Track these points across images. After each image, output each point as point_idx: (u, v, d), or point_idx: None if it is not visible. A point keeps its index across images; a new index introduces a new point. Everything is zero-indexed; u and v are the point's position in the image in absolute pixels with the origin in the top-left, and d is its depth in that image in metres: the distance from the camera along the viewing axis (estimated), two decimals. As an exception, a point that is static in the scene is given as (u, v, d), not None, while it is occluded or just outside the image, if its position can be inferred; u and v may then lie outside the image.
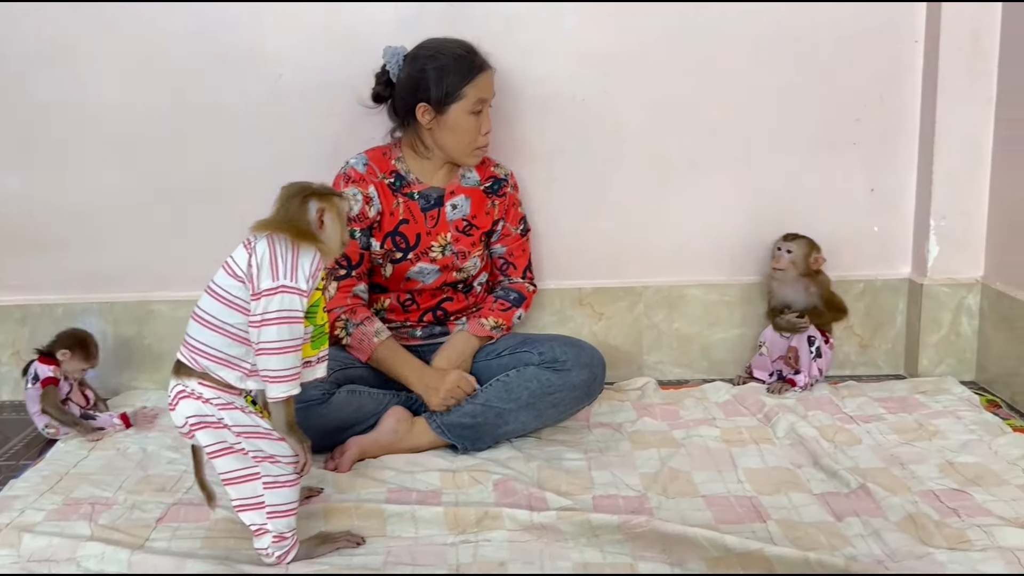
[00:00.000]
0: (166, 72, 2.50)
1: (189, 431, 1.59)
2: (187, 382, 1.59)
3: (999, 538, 1.68)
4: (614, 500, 1.88)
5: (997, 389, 2.46)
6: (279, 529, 1.59)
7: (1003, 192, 2.45)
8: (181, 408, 1.59)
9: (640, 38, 2.49)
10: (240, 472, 1.58)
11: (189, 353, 1.59)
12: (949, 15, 2.41)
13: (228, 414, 1.57)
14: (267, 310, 1.53)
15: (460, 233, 2.30)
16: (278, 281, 1.54)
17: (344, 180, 2.25)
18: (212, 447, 1.58)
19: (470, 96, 2.18)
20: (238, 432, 1.57)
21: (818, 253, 2.45)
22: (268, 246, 1.56)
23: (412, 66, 2.20)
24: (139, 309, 2.61)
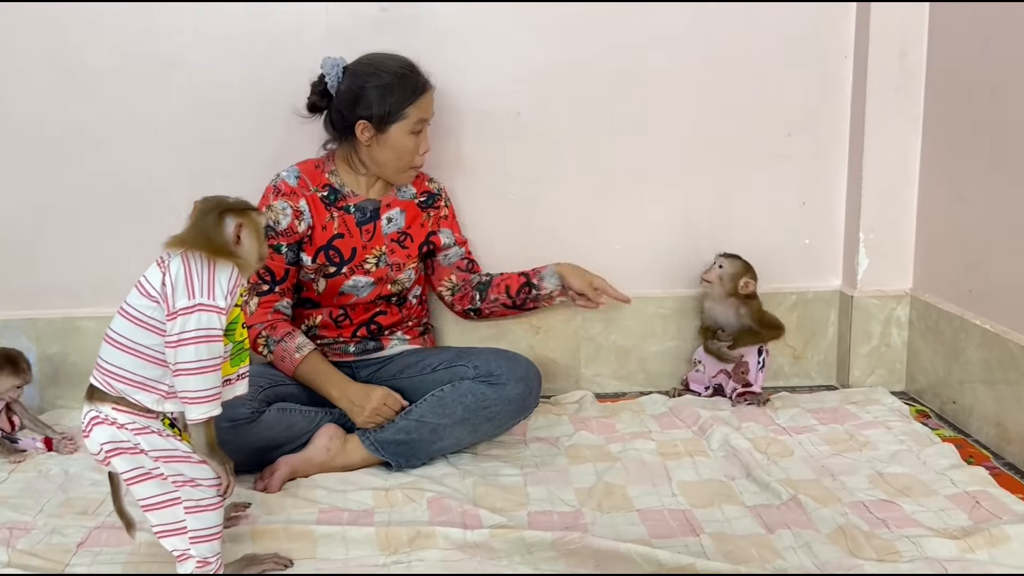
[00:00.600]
0: (89, 83, 2.44)
1: (105, 458, 1.54)
2: (100, 407, 1.53)
3: (927, 549, 1.70)
4: (549, 516, 1.87)
5: (927, 399, 2.50)
6: (203, 554, 1.55)
7: (930, 206, 2.50)
8: (95, 435, 1.53)
9: (575, 53, 2.49)
10: (160, 498, 1.54)
11: (102, 377, 1.54)
12: (877, 31, 2.45)
13: (144, 439, 1.52)
14: (184, 330, 1.49)
15: (395, 244, 2.28)
16: (195, 300, 1.49)
17: (274, 193, 2.21)
18: (129, 473, 1.54)
19: (412, 116, 2.16)
20: (156, 457, 1.52)
21: (750, 278, 2.42)
22: (183, 263, 1.52)
23: (353, 81, 2.17)
24: (64, 326, 2.54)
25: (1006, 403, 2.14)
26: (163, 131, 2.47)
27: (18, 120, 2.44)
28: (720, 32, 2.51)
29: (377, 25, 2.40)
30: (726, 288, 2.43)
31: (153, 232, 2.43)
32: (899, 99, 2.49)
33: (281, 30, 2.43)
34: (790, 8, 2.50)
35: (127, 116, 2.46)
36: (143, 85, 2.44)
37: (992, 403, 2.20)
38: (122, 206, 2.50)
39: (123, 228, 2.51)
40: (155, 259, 1.56)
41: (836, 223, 2.64)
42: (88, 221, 2.51)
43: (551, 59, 2.50)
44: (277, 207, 2.19)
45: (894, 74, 2.47)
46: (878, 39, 2.45)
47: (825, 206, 2.63)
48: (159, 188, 2.48)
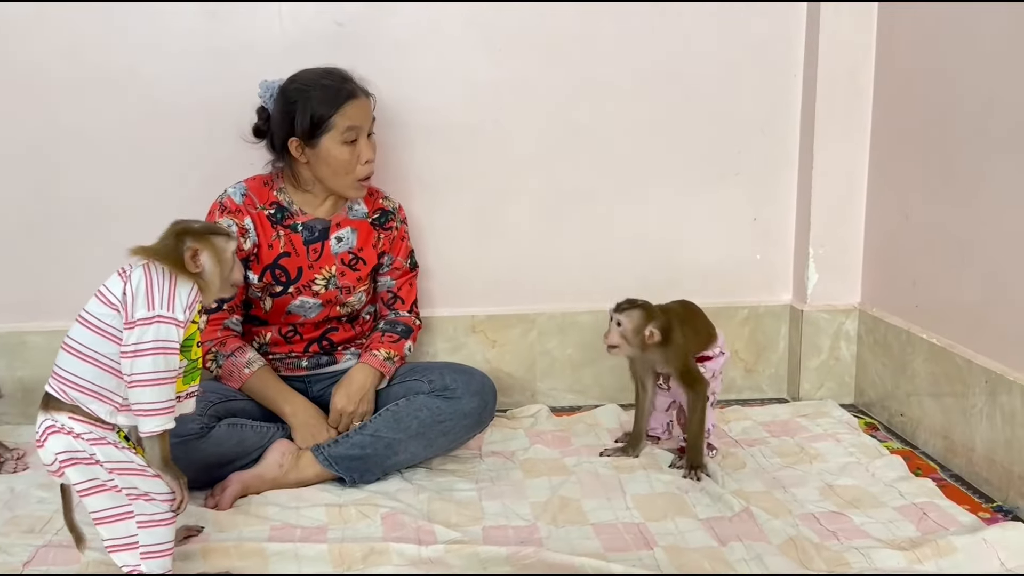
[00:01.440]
0: (38, 93, 2.41)
1: (59, 469, 1.52)
2: (56, 416, 1.52)
3: (876, 560, 1.73)
4: (504, 531, 1.88)
5: (875, 412, 2.55)
6: (153, 571, 1.53)
7: (877, 223, 2.56)
8: (50, 444, 1.52)
9: (528, 68, 2.52)
10: (113, 511, 1.52)
11: (59, 385, 1.53)
12: (826, 53, 2.51)
13: (100, 449, 1.51)
14: (141, 340, 1.48)
15: (346, 267, 2.25)
16: (154, 311, 1.50)
17: (219, 210, 2.19)
18: (83, 484, 1.52)
19: (339, 125, 2.12)
20: (111, 468, 1.51)
21: (653, 327, 2.08)
22: (144, 274, 1.52)
23: (283, 100, 2.15)
24: (10, 339, 2.49)
25: (952, 416, 2.19)
26: (112, 144, 2.45)
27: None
28: (672, 50, 2.54)
29: (334, 41, 2.40)
30: (634, 344, 2.11)
31: (102, 246, 2.43)
32: (847, 119, 2.54)
33: (237, 46, 2.42)
34: (741, 28, 2.54)
35: (76, 128, 2.43)
36: (93, 97, 2.42)
37: (939, 416, 2.24)
38: (70, 219, 2.48)
39: (71, 241, 2.48)
40: (116, 270, 1.55)
41: (786, 239, 2.69)
42: (35, 234, 2.48)
43: (505, 74, 2.51)
44: (223, 222, 2.17)
45: (842, 94, 2.52)
46: (827, 60, 2.51)
47: (776, 222, 2.68)
48: (108, 202, 2.46)
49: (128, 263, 1.55)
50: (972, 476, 2.11)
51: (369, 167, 2.19)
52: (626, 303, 2.12)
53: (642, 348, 2.11)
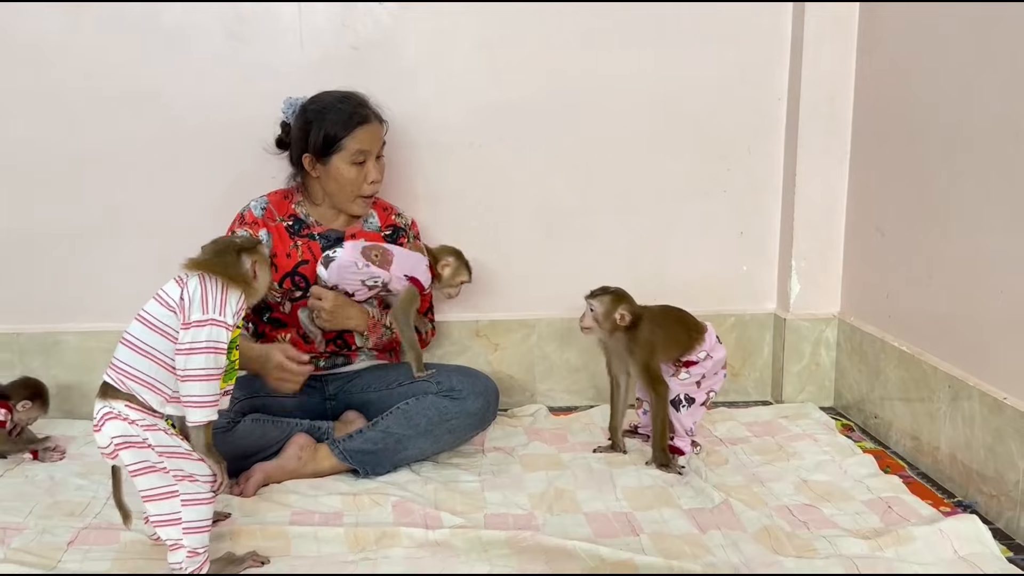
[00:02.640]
0: (69, 111, 2.58)
1: (113, 451, 1.69)
2: (114, 404, 1.69)
3: (841, 547, 1.89)
4: (504, 518, 2.04)
5: (852, 414, 2.72)
6: (193, 545, 1.71)
7: (856, 237, 2.72)
8: (107, 429, 1.69)
9: (527, 91, 2.69)
10: (161, 490, 1.69)
11: (117, 375, 1.70)
12: (808, 78, 2.67)
13: (152, 435, 1.68)
14: (196, 339, 1.67)
15: None
16: (208, 314, 1.69)
17: (239, 222, 2.37)
18: (135, 465, 1.69)
19: (349, 147, 2.30)
20: (160, 452, 1.68)
21: (624, 309, 2.25)
22: (200, 283, 1.71)
23: (302, 117, 2.33)
24: (46, 339, 2.67)
25: (920, 418, 2.36)
26: (138, 160, 2.63)
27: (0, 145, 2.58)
28: (665, 75, 2.71)
29: (349, 64, 2.58)
30: (605, 327, 2.28)
31: (127, 254, 2.63)
32: (828, 140, 2.70)
33: (258, 68, 2.59)
34: (729, 53, 2.71)
35: (104, 145, 2.61)
36: (120, 116, 2.59)
37: (908, 418, 2.41)
38: (98, 229, 2.65)
39: (99, 249, 2.66)
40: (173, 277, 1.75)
41: (771, 252, 2.86)
42: (67, 242, 2.65)
43: (508, 97, 2.69)
44: (239, 234, 2.34)
45: (823, 117, 2.69)
46: (809, 85, 2.67)
47: (761, 236, 2.84)
48: (134, 213, 2.64)
49: (183, 273, 1.74)
50: (937, 474, 2.28)
51: (374, 187, 2.37)
52: (599, 290, 2.31)
53: (611, 331, 2.27)
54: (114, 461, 1.72)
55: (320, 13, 2.58)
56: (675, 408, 2.33)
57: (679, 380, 2.33)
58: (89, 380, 2.65)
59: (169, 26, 2.56)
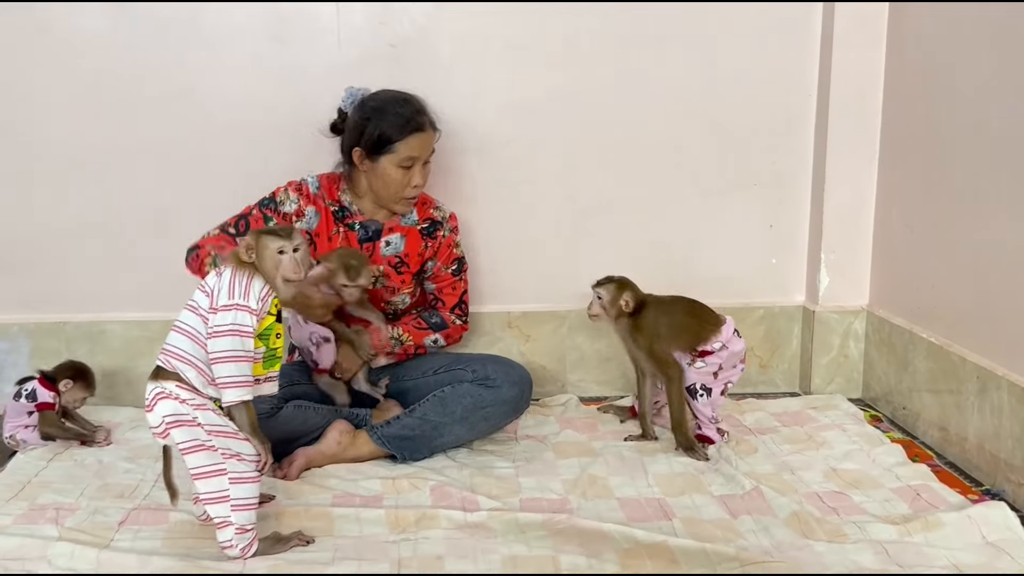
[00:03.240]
0: (114, 109, 2.66)
1: (164, 430, 1.77)
2: (165, 384, 1.77)
3: (871, 532, 1.93)
4: (539, 502, 2.10)
5: (880, 406, 2.75)
6: (241, 522, 1.78)
7: (884, 231, 2.76)
8: (159, 408, 1.77)
9: (562, 88, 2.74)
10: (209, 468, 1.77)
11: (165, 357, 1.79)
12: (838, 75, 2.71)
13: (202, 413, 1.76)
14: (222, 322, 1.76)
15: (391, 268, 2.48)
16: (233, 299, 1.77)
17: (295, 187, 2.43)
18: (186, 443, 1.76)
19: (401, 152, 2.35)
20: (209, 430, 1.76)
21: (630, 295, 2.37)
22: (231, 273, 1.81)
23: (359, 111, 2.39)
24: (91, 328, 2.75)
25: (948, 409, 2.39)
26: (180, 156, 2.70)
27: (49, 141, 2.67)
28: (697, 72, 2.75)
29: (387, 62, 2.64)
30: (611, 313, 2.40)
31: (169, 246, 2.71)
32: (857, 134, 2.74)
33: (298, 67, 2.66)
34: (759, 51, 2.75)
35: (147, 142, 2.69)
36: (162, 113, 2.67)
37: (936, 409, 2.44)
38: (141, 223, 2.73)
39: (142, 242, 2.74)
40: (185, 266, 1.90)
41: (800, 244, 2.89)
42: (111, 235, 2.73)
43: (536, 94, 2.74)
44: (291, 195, 2.42)
45: (853, 113, 2.72)
46: (839, 82, 2.71)
47: (790, 229, 2.88)
48: (175, 207, 2.71)
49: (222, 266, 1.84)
50: (965, 463, 2.31)
51: (416, 191, 2.42)
52: (604, 279, 2.42)
53: (616, 318, 2.40)
54: (165, 440, 1.79)
55: (358, 13, 2.64)
56: (692, 396, 2.40)
57: (695, 369, 2.39)
58: (133, 367, 2.74)
59: (210, 27, 2.63)
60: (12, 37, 2.60)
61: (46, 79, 2.63)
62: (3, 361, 2.73)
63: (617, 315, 2.40)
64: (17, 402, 2.39)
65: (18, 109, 2.64)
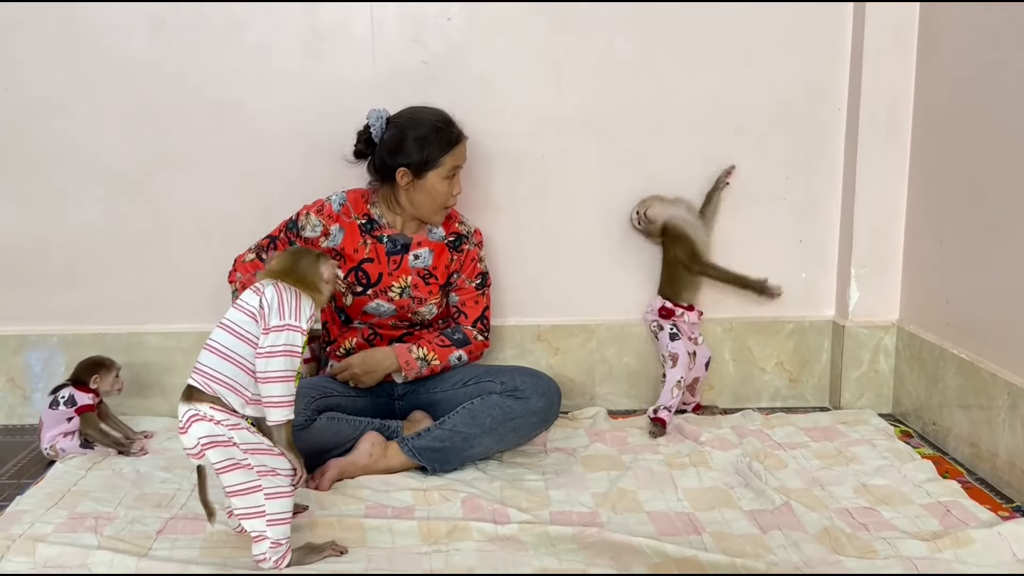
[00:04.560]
0: (156, 122, 2.71)
1: (200, 451, 1.79)
2: (199, 407, 1.79)
3: (901, 548, 1.93)
4: (569, 515, 2.11)
5: (910, 421, 2.74)
6: (276, 536, 1.81)
7: (915, 244, 2.75)
8: (193, 430, 1.79)
9: (592, 102, 2.76)
10: (245, 485, 1.80)
11: (203, 379, 1.80)
12: (868, 86, 2.71)
13: (236, 433, 1.79)
14: (275, 344, 1.78)
15: (419, 279, 2.52)
16: (285, 320, 1.80)
17: (316, 209, 2.48)
18: (222, 463, 1.79)
19: (447, 164, 2.41)
20: (245, 449, 1.79)
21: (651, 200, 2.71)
22: (276, 291, 1.83)
23: (395, 132, 2.42)
24: (128, 340, 2.79)
25: (979, 425, 2.38)
26: (219, 168, 2.75)
27: (91, 154, 2.72)
28: (727, 86, 2.76)
29: (419, 78, 2.67)
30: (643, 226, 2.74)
31: (207, 257, 2.76)
32: (887, 149, 2.74)
33: (333, 81, 2.70)
34: (790, 64, 2.76)
35: (187, 153, 2.73)
36: (203, 126, 2.72)
37: (967, 425, 2.43)
38: (181, 233, 2.78)
39: (181, 253, 2.78)
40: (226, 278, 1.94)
41: (830, 259, 2.89)
42: (151, 246, 2.78)
43: (568, 109, 2.76)
44: (312, 219, 2.46)
45: (883, 127, 2.72)
46: (869, 95, 2.71)
47: (820, 243, 2.88)
48: (214, 218, 2.76)
49: (260, 282, 1.86)
50: (995, 480, 2.30)
51: (456, 199, 2.48)
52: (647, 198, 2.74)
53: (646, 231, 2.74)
54: (200, 461, 1.82)
55: (392, 31, 2.68)
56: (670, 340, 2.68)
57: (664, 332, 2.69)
58: (170, 379, 2.79)
59: (252, 43, 2.68)
60: (55, 54, 2.66)
61: (86, 94, 2.69)
62: (41, 371, 2.78)
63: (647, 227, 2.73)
64: (55, 410, 2.44)
65: (59, 123, 2.70)
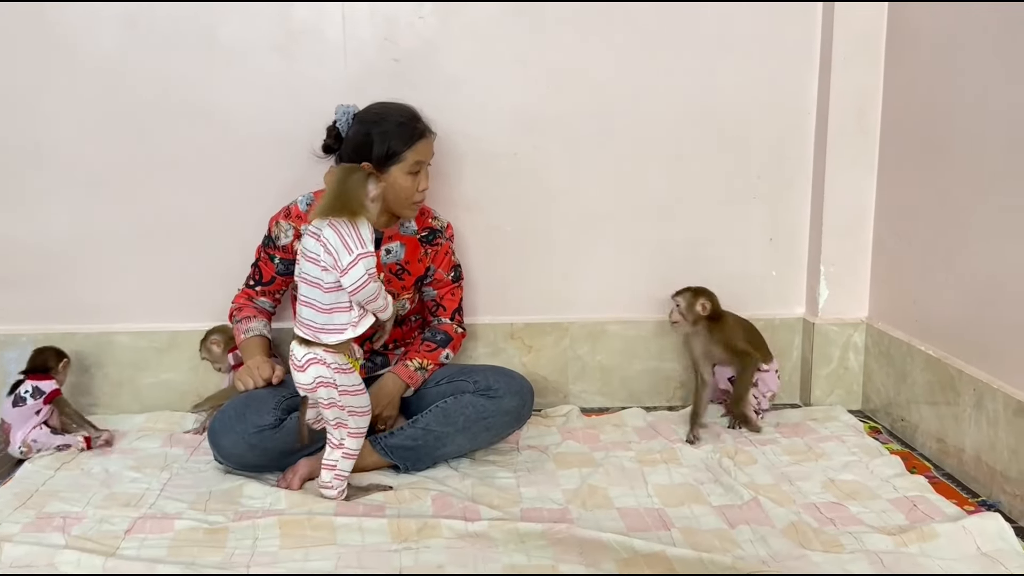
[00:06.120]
0: (135, 124, 2.69)
1: (315, 387, 2.09)
2: (316, 351, 2.07)
3: (867, 543, 1.95)
4: (539, 512, 2.12)
5: (879, 417, 2.77)
6: (344, 468, 2.15)
7: (884, 243, 2.78)
8: (311, 370, 2.08)
9: (565, 102, 2.76)
10: (337, 420, 2.13)
11: (309, 332, 2.07)
12: (838, 86, 2.73)
13: (339, 376, 2.08)
14: (358, 276, 2.01)
15: (392, 275, 2.51)
16: (354, 253, 2.01)
17: (284, 214, 2.47)
18: (326, 400, 2.10)
19: (409, 159, 2.39)
20: (343, 390, 2.09)
21: (705, 299, 2.62)
22: (333, 230, 2.02)
23: (360, 127, 2.42)
24: (100, 339, 2.78)
25: (946, 421, 2.41)
26: (196, 168, 2.72)
27: (65, 154, 2.70)
28: (695, 85, 2.78)
29: (392, 76, 2.67)
30: (690, 318, 2.64)
31: (184, 256, 2.74)
32: (856, 150, 2.76)
33: (306, 81, 2.69)
34: (760, 64, 2.78)
35: (165, 155, 2.71)
36: (181, 128, 2.70)
37: (934, 421, 2.46)
38: (154, 233, 2.76)
39: (153, 253, 2.77)
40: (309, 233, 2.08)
41: (800, 257, 2.92)
42: (123, 246, 2.76)
43: (542, 107, 2.76)
44: (283, 224, 2.46)
45: (852, 129, 2.75)
46: (838, 95, 2.73)
47: (790, 242, 2.90)
48: (191, 218, 2.75)
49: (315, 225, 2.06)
50: (962, 475, 2.33)
51: (423, 194, 2.46)
52: (683, 288, 2.69)
53: (695, 322, 2.65)
54: (312, 394, 2.10)
55: (363, 28, 2.68)
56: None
57: None
58: (141, 378, 2.78)
59: (224, 43, 2.66)
60: (25, 53, 2.64)
61: (57, 94, 2.67)
62: (11, 371, 2.76)
63: (695, 320, 2.64)
64: (23, 407, 2.42)
65: (29, 123, 2.68)
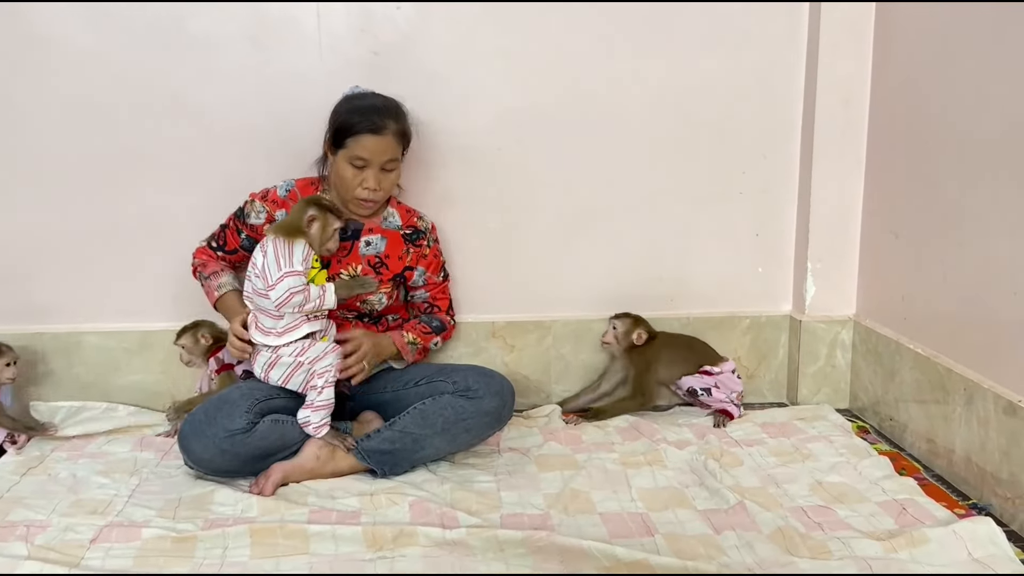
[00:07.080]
0: (103, 118, 2.61)
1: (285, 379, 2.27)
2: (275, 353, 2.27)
3: (856, 548, 1.91)
4: (520, 518, 2.06)
5: (867, 416, 2.72)
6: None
7: (871, 240, 2.73)
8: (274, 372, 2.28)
9: (549, 96, 2.70)
10: None
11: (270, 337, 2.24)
12: (824, 81, 2.68)
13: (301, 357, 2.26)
14: (280, 292, 2.16)
15: (370, 268, 2.46)
16: (281, 270, 2.15)
17: (262, 196, 2.43)
18: None
19: (350, 148, 2.32)
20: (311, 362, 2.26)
21: (642, 330, 2.67)
22: (273, 246, 2.18)
23: (334, 108, 2.39)
24: (68, 339, 2.71)
25: (935, 421, 2.36)
26: (167, 163, 2.65)
27: (32, 150, 2.62)
28: (680, 79, 2.72)
29: (370, 69, 2.59)
30: (623, 344, 2.69)
31: (155, 254, 2.66)
32: (843, 144, 2.71)
33: (281, 74, 2.62)
34: (746, 58, 2.73)
35: (136, 150, 2.63)
36: (151, 122, 2.62)
37: (923, 421, 2.42)
38: (125, 231, 2.68)
39: (127, 250, 2.69)
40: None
41: (787, 253, 2.87)
42: (93, 245, 2.68)
43: (525, 102, 2.70)
44: (257, 205, 2.42)
45: (839, 122, 2.70)
46: (825, 90, 2.68)
47: (777, 238, 2.85)
48: (162, 214, 2.67)
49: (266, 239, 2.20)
50: (952, 476, 2.29)
51: (367, 193, 2.36)
52: (622, 313, 2.72)
53: (628, 348, 2.69)
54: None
55: (339, 20, 2.60)
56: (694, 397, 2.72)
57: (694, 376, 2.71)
58: (113, 379, 2.71)
59: (196, 35, 2.58)
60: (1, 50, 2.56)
61: (25, 88, 2.58)
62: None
63: (628, 347, 2.69)
64: None
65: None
